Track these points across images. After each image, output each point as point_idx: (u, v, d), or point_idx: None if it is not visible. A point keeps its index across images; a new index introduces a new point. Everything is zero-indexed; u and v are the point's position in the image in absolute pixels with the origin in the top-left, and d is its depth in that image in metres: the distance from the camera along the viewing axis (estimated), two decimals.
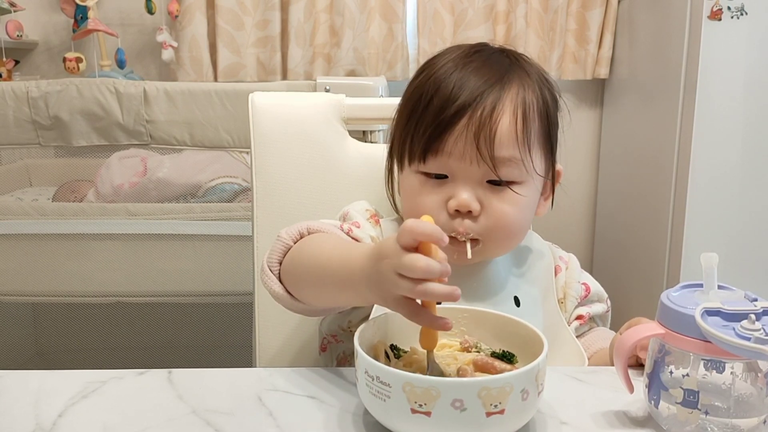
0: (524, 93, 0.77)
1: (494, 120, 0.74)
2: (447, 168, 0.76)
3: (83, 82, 1.70)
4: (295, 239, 0.74)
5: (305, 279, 0.71)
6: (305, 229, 0.75)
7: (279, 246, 0.74)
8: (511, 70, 0.78)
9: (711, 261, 0.58)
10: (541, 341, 0.60)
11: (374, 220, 0.85)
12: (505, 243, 0.80)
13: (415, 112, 0.77)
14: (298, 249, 0.73)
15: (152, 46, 2.43)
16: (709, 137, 1.95)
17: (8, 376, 0.71)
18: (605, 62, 2.52)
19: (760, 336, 0.52)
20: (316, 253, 0.71)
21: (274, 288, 0.73)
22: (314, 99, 1.01)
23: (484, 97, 0.74)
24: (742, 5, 1.88)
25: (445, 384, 0.53)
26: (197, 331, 1.98)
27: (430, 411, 0.52)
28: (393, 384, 0.53)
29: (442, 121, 0.74)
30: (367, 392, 0.56)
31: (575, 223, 2.75)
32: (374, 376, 0.55)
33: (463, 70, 0.76)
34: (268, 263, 0.74)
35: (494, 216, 0.76)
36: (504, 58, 0.80)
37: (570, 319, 0.87)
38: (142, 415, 0.63)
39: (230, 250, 1.72)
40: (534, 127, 0.77)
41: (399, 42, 2.45)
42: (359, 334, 0.60)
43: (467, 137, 0.74)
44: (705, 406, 0.56)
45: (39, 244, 1.73)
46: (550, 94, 0.81)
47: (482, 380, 0.53)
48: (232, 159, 1.82)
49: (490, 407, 0.52)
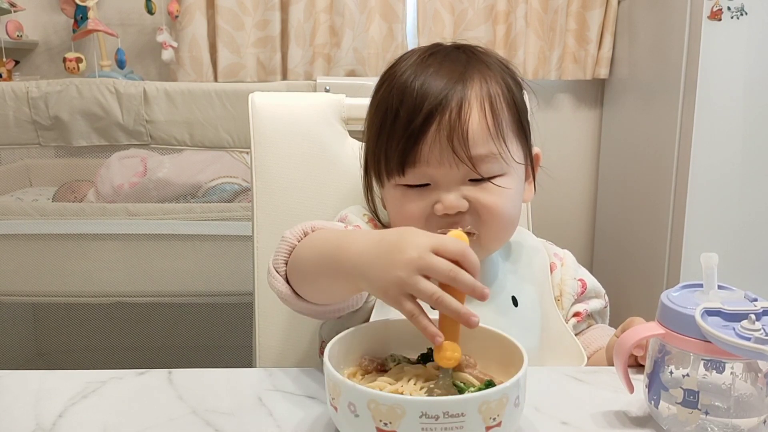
0: (487, 85, 0.76)
1: (464, 119, 0.74)
2: (427, 176, 0.76)
3: (83, 82, 1.70)
4: (300, 238, 0.74)
5: (305, 272, 0.70)
6: (309, 227, 0.75)
7: (284, 246, 0.73)
8: (470, 66, 0.78)
9: (711, 261, 0.58)
10: (519, 350, 0.59)
11: (372, 225, 0.85)
12: (500, 234, 0.80)
13: (384, 126, 0.77)
14: (303, 245, 0.72)
15: (152, 46, 2.43)
16: (709, 137, 1.95)
17: (8, 376, 0.71)
18: (605, 62, 2.52)
19: (760, 336, 0.52)
20: (316, 244, 0.70)
21: (280, 288, 0.72)
22: (314, 99, 1.01)
23: (448, 98, 0.74)
24: (742, 5, 1.88)
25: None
26: (197, 331, 1.98)
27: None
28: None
29: (413, 131, 0.74)
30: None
31: (575, 223, 2.75)
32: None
33: (423, 75, 0.76)
34: (274, 265, 0.73)
35: (484, 210, 0.76)
36: (461, 54, 0.80)
37: (567, 316, 0.87)
38: (142, 415, 0.63)
39: (230, 250, 1.72)
40: (504, 118, 0.77)
41: (399, 42, 2.45)
42: (329, 350, 0.58)
43: (441, 142, 0.73)
44: (705, 406, 0.56)
45: (39, 244, 1.73)
46: (513, 81, 0.81)
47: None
48: (232, 159, 1.82)
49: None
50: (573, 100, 2.66)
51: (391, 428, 0.50)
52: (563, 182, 2.67)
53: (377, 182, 0.82)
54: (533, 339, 0.80)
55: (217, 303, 1.81)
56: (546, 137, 2.58)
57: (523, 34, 2.47)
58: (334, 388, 0.53)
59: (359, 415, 0.51)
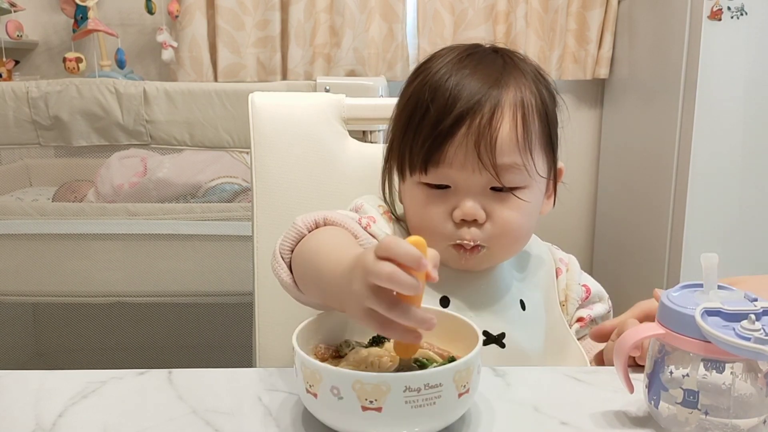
0: (522, 94, 0.75)
1: (494, 127, 0.73)
2: (449, 179, 0.75)
3: (83, 82, 1.70)
4: (310, 228, 0.73)
5: (306, 272, 0.69)
6: (322, 219, 0.74)
7: (292, 233, 0.72)
8: (506, 71, 0.76)
9: (711, 261, 0.58)
10: (475, 332, 0.62)
11: (387, 216, 0.84)
12: (512, 248, 0.80)
13: (412, 121, 0.76)
14: (308, 239, 0.71)
15: (152, 46, 2.43)
16: (709, 137, 1.95)
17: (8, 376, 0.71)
18: (605, 62, 2.52)
19: (760, 336, 0.52)
20: (320, 248, 0.69)
21: (282, 276, 0.71)
22: (314, 99, 1.01)
23: (481, 103, 0.73)
24: (742, 5, 1.88)
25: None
26: (197, 331, 1.99)
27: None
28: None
29: (441, 132, 0.73)
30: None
31: (575, 223, 2.75)
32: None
33: (457, 75, 0.75)
34: (281, 250, 0.72)
35: (500, 223, 0.75)
36: (498, 58, 0.79)
37: (571, 321, 0.87)
38: (142, 415, 0.63)
39: (230, 250, 1.72)
40: (534, 129, 0.76)
41: (399, 42, 2.45)
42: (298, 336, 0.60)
43: (467, 146, 0.72)
44: (705, 406, 0.56)
45: (39, 244, 1.73)
46: (547, 92, 0.80)
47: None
48: (232, 159, 1.82)
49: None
50: (573, 100, 2.66)
51: (376, 405, 0.53)
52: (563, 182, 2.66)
53: (399, 176, 0.81)
54: (538, 342, 0.80)
55: (217, 303, 1.81)
56: None
57: (523, 34, 2.47)
58: (313, 375, 0.55)
59: (343, 397, 0.54)
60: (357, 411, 0.54)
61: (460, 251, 0.76)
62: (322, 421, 0.58)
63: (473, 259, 0.77)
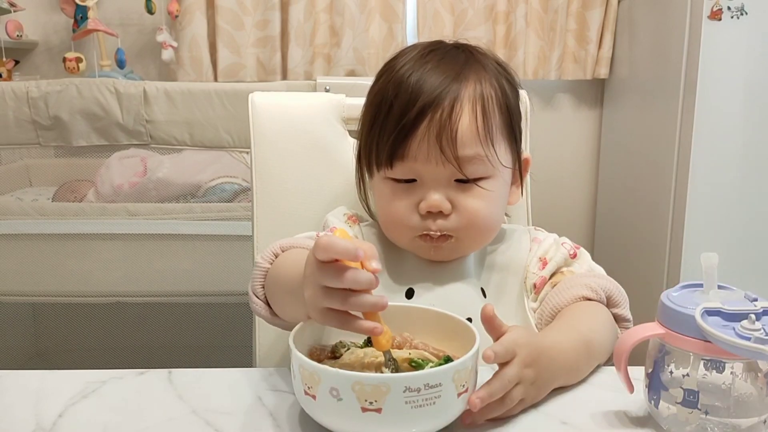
0: (481, 87, 0.77)
1: (454, 120, 0.74)
2: (414, 172, 0.77)
3: (83, 82, 1.70)
4: (271, 261, 0.75)
5: (277, 299, 0.72)
6: (278, 248, 0.76)
7: (258, 272, 0.75)
8: (467, 66, 0.78)
9: (711, 261, 0.58)
10: (472, 331, 0.62)
11: (352, 221, 0.86)
12: (480, 238, 0.81)
13: (377, 118, 0.78)
14: (271, 270, 0.74)
15: (152, 46, 2.43)
16: (709, 137, 1.95)
17: (8, 376, 0.71)
18: (605, 62, 2.52)
19: (760, 336, 0.52)
20: (279, 273, 0.72)
21: (260, 312, 0.74)
22: (314, 99, 1.01)
23: (442, 96, 0.75)
24: (742, 5, 1.88)
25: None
26: (197, 331, 1.99)
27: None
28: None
29: (404, 126, 0.75)
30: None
31: (575, 222, 2.75)
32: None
33: (420, 71, 0.76)
34: (253, 290, 0.75)
35: (466, 213, 0.77)
36: (460, 53, 0.80)
37: (530, 293, 0.83)
38: (142, 415, 0.63)
39: (230, 250, 1.72)
40: (495, 121, 0.77)
41: (399, 42, 2.45)
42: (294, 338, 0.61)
43: (430, 140, 0.74)
44: (705, 406, 0.56)
45: (39, 244, 1.73)
46: (508, 84, 0.81)
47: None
48: (232, 159, 1.82)
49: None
50: (573, 100, 2.66)
51: (376, 406, 0.53)
52: (563, 182, 2.67)
53: (367, 173, 0.83)
54: None
55: (217, 303, 1.81)
56: (546, 137, 2.59)
57: (523, 34, 2.47)
58: (311, 376, 0.55)
59: (343, 398, 0.54)
60: (357, 412, 0.54)
61: (428, 241, 0.78)
62: (321, 423, 0.58)
63: (442, 249, 0.78)
